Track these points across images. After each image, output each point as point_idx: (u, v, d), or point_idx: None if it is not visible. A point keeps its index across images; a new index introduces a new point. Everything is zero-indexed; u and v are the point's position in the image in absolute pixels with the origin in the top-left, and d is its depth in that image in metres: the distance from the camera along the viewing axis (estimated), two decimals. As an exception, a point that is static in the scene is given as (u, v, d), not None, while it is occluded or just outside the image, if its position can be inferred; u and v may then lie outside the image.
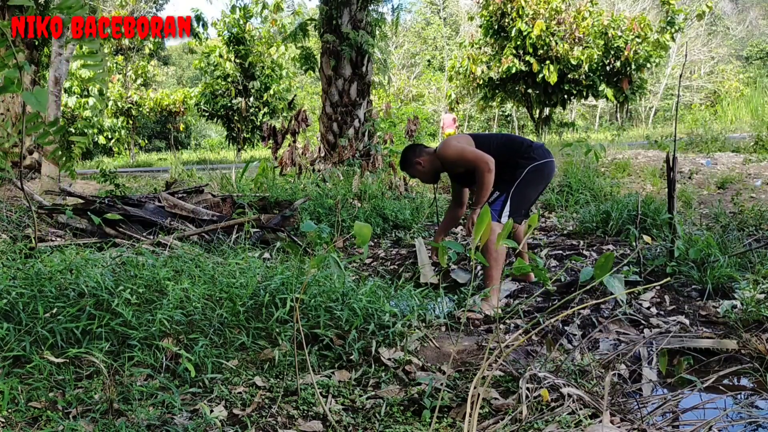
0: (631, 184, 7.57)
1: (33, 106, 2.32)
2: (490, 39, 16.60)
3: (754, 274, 3.32)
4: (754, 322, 2.84)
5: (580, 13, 15.47)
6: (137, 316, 2.49)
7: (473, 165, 3.45)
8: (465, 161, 3.51)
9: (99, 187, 7.18)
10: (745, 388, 2.49)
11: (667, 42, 15.29)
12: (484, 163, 3.39)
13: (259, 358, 2.50)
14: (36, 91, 2.36)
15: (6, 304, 2.46)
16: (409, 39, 36.32)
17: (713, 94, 27.66)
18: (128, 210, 4.60)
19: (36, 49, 8.30)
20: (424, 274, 3.84)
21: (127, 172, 13.77)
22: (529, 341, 2.76)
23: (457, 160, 3.57)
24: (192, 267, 3.11)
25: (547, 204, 6.49)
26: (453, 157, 3.56)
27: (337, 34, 9.33)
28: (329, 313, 2.69)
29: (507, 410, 2.06)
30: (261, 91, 19.80)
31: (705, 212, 5.62)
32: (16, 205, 5.48)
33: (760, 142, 10.00)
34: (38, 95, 2.34)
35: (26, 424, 1.97)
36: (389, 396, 2.21)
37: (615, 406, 2.08)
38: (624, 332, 2.90)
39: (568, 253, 4.46)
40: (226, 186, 7.33)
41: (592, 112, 31.16)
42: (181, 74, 40.54)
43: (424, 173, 3.74)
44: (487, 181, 3.37)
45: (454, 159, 3.57)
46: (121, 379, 2.23)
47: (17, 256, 3.30)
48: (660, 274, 3.51)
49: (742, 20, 37.17)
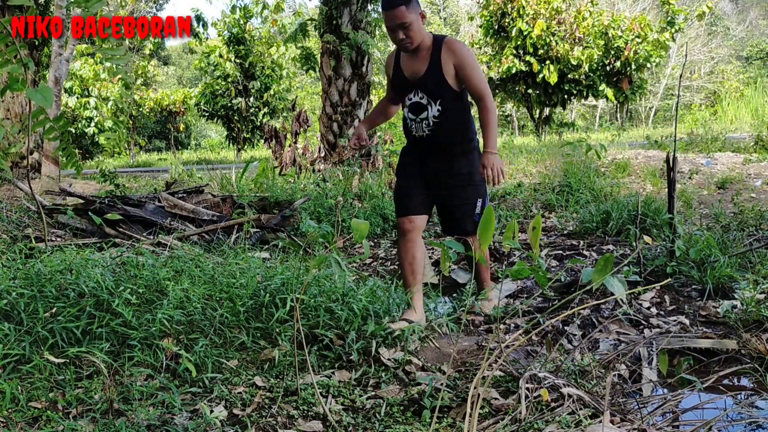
0: (631, 184, 7.57)
1: (38, 102, 2.32)
2: (490, 39, 16.59)
3: (754, 274, 3.32)
4: (754, 323, 2.84)
5: (581, 13, 15.47)
6: (137, 316, 2.50)
7: (480, 91, 2.86)
8: (471, 76, 2.86)
9: (99, 187, 7.17)
10: (745, 389, 2.49)
11: (667, 42, 15.29)
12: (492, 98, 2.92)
13: (259, 358, 2.50)
14: (40, 88, 2.36)
15: (6, 304, 2.46)
16: (409, 39, 36.29)
17: (713, 94, 27.66)
18: (128, 210, 4.60)
19: (36, 49, 8.29)
20: (424, 274, 3.83)
21: (127, 172, 13.76)
22: (529, 341, 2.76)
23: (463, 65, 2.85)
24: (192, 267, 3.11)
25: (547, 204, 6.49)
26: (464, 58, 2.85)
27: (337, 34, 9.32)
28: (329, 314, 2.69)
29: (507, 410, 2.06)
30: (261, 91, 19.80)
31: (705, 212, 5.62)
32: (16, 205, 5.48)
33: (760, 142, 10.00)
34: (42, 91, 2.35)
35: (26, 424, 1.97)
36: (389, 396, 2.21)
37: (615, 406, 2.08)
38: (624, 332, 2.90)
39: (568, 253, 4.46)
40: (226, 186, 7.33)
41: (592, 112, 31.15)
42: (181, 74, 40.53)
43: (416, 32, 2.81)
44: (495, 119, 2.84)
45: (462, 61, 2.85)
46: (121, 379, 2.23)
47: (17, 256, 3.30)
48: (660, 274, 3.51)
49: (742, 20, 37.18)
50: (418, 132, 2.99)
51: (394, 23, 2.80)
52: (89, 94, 19.26)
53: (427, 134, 2.97)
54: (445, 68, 2.87)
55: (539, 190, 7.00)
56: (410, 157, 3.12)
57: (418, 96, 2.95)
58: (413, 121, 2.98)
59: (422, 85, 2.92)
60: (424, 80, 2.91)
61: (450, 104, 2.92)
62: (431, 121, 2.94)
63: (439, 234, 5.36)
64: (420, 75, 2.92)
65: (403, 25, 2.79)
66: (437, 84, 2.89)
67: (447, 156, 3.02)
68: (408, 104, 2.99)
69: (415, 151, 3.10)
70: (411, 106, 2.98)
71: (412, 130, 3.01)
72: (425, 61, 2.91)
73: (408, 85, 2.98)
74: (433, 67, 2.89)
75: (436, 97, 2.91)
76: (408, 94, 2.99)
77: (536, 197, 6.69)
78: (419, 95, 2.95)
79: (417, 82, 2.94)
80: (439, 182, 3.05)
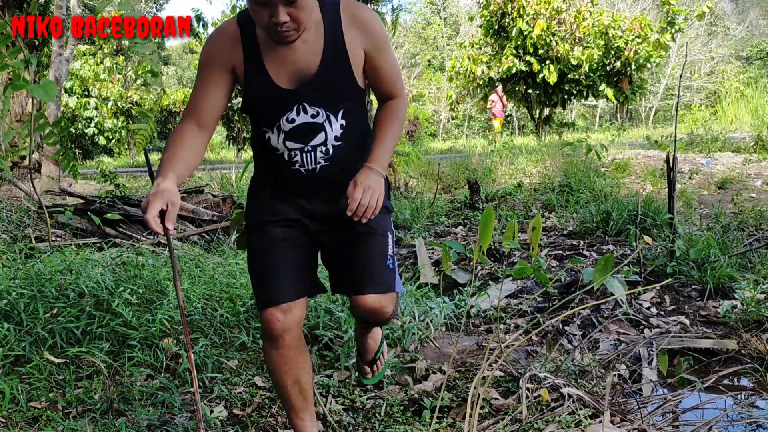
0: (631, 184, 7.57)
1: (40, 98, 2.33)
2: (490, 39, 16.59)
3: (754, 275, 3.32)
4: (755, 323, 2.84)
5: (581, 13, 15.47)
6: (137, 316, 2.50)
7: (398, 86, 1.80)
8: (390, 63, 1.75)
9: (99, 187, 7.18)
10: (745, 389, 2.49)
11: (667, 42, 15.28)
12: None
13: (259, 358, 2.50)
14: (43, 83, 2.36)
15: (6, 304, 2.46)
16: (410, 39, 36.32)
17: (713, 94, 27.65)
18: (128, 210, 4.60)
19: (36, 49, 8.29)
20: (424, 274, 3.83)
21: (127, 172, 13.76)
22: (529, 341, 2.76)
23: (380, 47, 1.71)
24: (192, 267, 3.11)
25: (547, 204, 6.49)
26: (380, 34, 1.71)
27: (337, 34, 9.30)
28: (329, 314, 2.69)
29: (507, 410, 2.06)
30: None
31: (705, 212, 5.62)
32: (16, 205, 5.48)
33: (760, 142, 9.99)
34: (45, 87, 2.35)
35: (26, 423, 1.97)
36: (389, 396, 2.21)
37: (615, 406, 2.08)
38: (624, 332, 2.90)
39: (569, 253, 4.46)
40: (226, 186, 7.34)
41: (592, 112, 31.14)
42: (182, 74, 40.52)
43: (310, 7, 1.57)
44: (401, 127, 1.81)
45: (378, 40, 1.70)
46: (121, 379, 2.23)
47: (17, 256, 3.30)
48: (660, 274, 3.51)
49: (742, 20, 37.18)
50: (305, 165, 1.71)
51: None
52: (89, 94, 19.26)
53: (321, 166, 1.71)
54: (353, 53, 1.67)
55: (539, 190, 7.00)
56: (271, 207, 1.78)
57: (306, 112, 1.67)
58: (296, 151, 1.70)
59: (316, 90, 1.66)
60: (318, 82, 1.65)
61: (354, 113, 1.75)
62: (330, 146, 1.71)
63: (439, 234, 5.36)
64: (311, 74, 1.65)
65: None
66: (342, 83, 1.69)
67: (342, 191, 1.70)
68: (285, 129, 1.68)
69: (283, 193, 1.78)
70: (291, 131, 1.68)
71: (290, 163, 1.71)
72: (316, 48, 1.64)
73: (284, 99, 1.65)
74: (334, 54, 1.65)
75: (338, 105, 1.70)
76: (285, 113, 1.66)
77: (536, 197, 6.69)
78: (308, 111, 1.67)
79: (304, 90, 1.65)
80: (331, 231, 1.80)
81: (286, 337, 1.72)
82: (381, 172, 1.70)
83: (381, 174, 1.69)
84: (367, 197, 1.63)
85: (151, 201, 1.47)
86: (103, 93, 19.79)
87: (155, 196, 1.49)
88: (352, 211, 1.61)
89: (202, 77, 1.69)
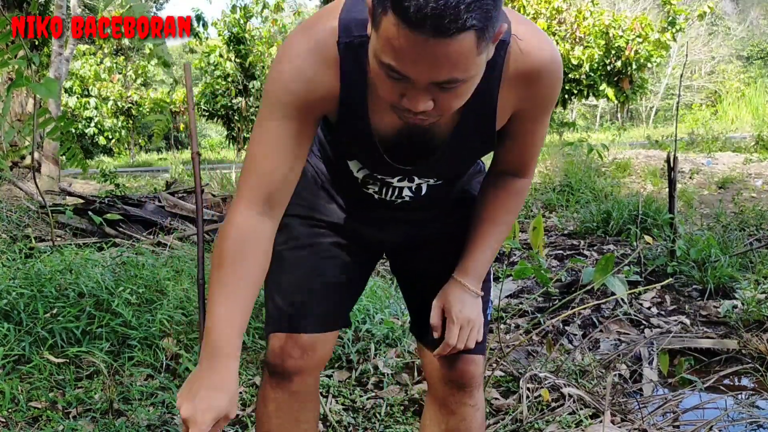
0: (632, 183, 7.56)
1: (42, 96, 2.32)
2: (490, 39, 16.61)
3: (755, 274, 3.32)
4: (755, 322, 2.84)
5: (581, 13, 15.46)
6: (137, 316, 2.49)
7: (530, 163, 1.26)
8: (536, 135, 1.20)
9: (99, 186, 7.18)
10: (746, 388, 2.49)
11: (668, 42, 15.28)
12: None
13: (259, 358, 2.50)
14: (45, 80, 2.36)
15: (6, 304, 2.45)
16: (410, 39, 36.30)
17: (714, 94, 27.64)
18: (128, 210, 4.60)
19: (36, 49, 8.28)
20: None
21: (127, 171, 13.76)
22: (530, 341, 2.75)
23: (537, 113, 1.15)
24: (192, 267, 3.11)
25: (548, 204, 6.49)
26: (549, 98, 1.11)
27: (338, 34, 9.30)
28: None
29: (507, 410, 2.06)
30: (261, 90, 19.81)
31: (706, 212, 5.61)
32: (16, 205, 5.48)
33: (760, 141, 9.98)
34: (47, 84, 2.34)
35: (26, 424, 1.97)
36: (389, 396, 2.21)
37: (616, 406, 2.08)
38: (625, 332, 2.90)
39: (569, 253, 4.46)
40: (226, 186, 7.33)
41: (592, 112, 31.14)
42: (182, 74, 40.54)
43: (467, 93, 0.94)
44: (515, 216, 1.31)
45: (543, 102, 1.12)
46: (121, 379, 2.23)
47: (17, 256, 3.30)
48: (661, 274, 3.51)
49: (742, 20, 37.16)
50: (381, 194, 1.27)
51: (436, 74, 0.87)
52: (89, 94, 19.27)
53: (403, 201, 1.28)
54: (501, 117, 1.12)
55: (540, 189, 7.00)
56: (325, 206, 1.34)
57: (412, 181, 1.24)
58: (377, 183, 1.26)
59: (434, 165, 1.18)
60: (441, 157, 1.16)
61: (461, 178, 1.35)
62: (424, 187, 1.26)
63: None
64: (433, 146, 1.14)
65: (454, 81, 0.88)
66: (472, 158, 1.25)
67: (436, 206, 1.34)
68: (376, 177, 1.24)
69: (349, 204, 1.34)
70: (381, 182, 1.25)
71: (362, 185, 1.27)
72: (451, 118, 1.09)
73: (389, 169, 1.19)
74: (476, 123, 1.11)
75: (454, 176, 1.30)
76: (384, 175, 1.22)
77: (537, 197, 6.69)
78: (414, 180, 1.24)
79: (418, 167, 1.19)
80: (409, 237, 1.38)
81: (296, 380, 1.27)
82: (477, 293, 1.25)
83: (477, 295, 1.25)
84: (464, 337, 1.22)
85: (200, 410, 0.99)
86: (103, 93, 19.82)
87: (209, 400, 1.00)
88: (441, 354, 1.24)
89: (277, 132, 1.07)
